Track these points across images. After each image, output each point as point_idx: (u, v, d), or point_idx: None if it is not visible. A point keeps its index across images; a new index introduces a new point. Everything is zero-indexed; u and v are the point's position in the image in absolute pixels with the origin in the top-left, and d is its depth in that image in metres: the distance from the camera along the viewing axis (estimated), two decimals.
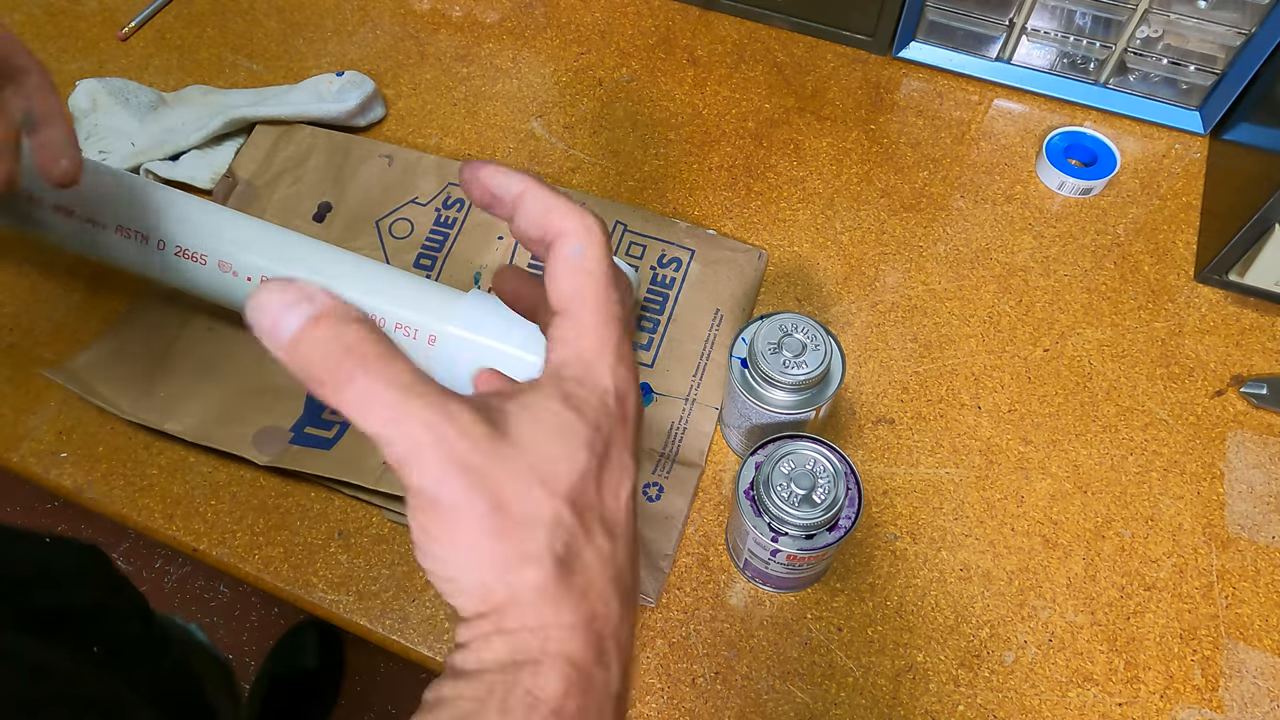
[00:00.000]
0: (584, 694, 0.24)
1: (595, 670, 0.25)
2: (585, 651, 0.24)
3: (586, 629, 0.25)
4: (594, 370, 0.27)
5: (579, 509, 0.25)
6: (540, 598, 0.24)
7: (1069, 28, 0.67)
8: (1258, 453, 0.56)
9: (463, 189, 0.30)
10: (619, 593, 0.26)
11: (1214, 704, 0.48)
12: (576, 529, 0.25)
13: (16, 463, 0.56)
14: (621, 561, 0.26)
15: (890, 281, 0.63)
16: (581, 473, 0.25)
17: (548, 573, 0.24)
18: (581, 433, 0.26)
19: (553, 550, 0.24)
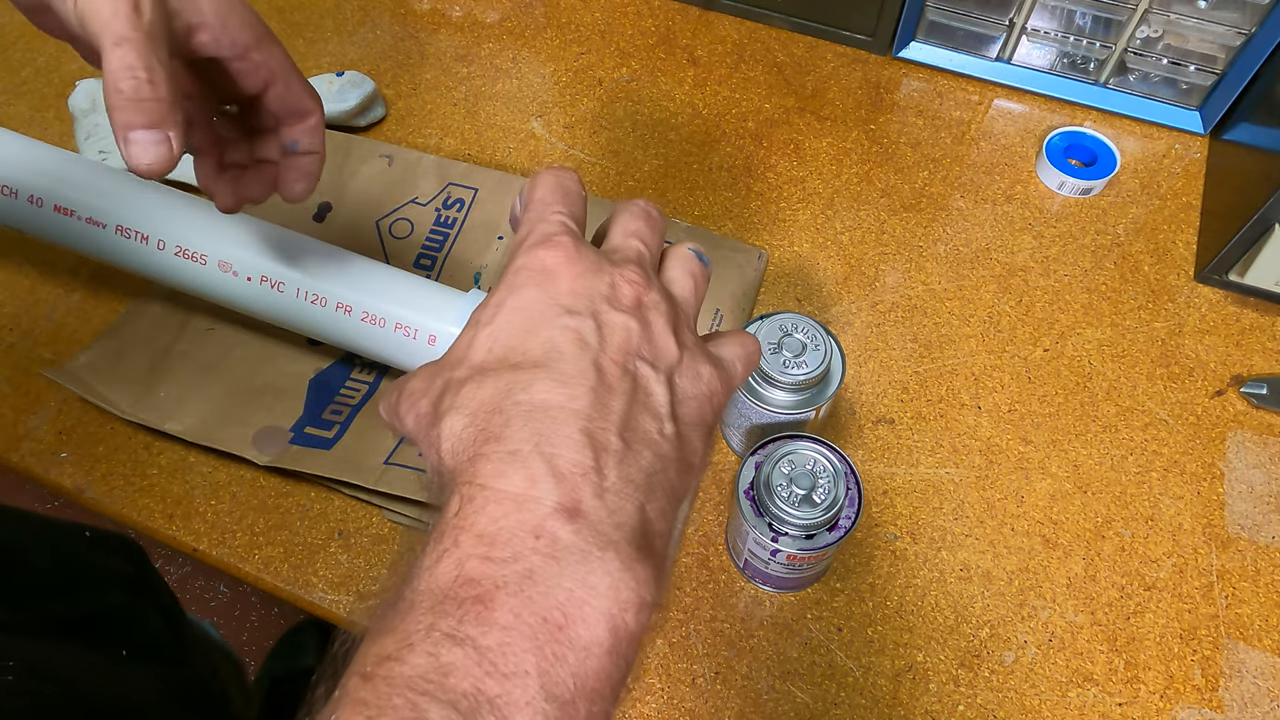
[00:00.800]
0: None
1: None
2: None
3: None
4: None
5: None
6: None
7: (1069, 28, 0.67)
8: (1258, 453, 0.56)
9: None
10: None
11: (1214, 704, 0.48)
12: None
13: (16, 463, 0.56)
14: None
15: (890, 281, 0.63)
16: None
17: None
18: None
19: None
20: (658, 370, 0.29)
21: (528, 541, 0.24)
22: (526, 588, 0.23)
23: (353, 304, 0.51)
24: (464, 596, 0.23)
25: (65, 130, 0.70)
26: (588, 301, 0.29)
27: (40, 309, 0.62)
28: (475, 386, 0.27)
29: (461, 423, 0.26)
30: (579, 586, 0.23)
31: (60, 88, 0.73)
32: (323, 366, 0.58)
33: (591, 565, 0.24)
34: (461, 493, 0.25)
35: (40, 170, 0.53)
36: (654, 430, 0.28)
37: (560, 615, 0.23)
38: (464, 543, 0.24)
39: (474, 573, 0.23)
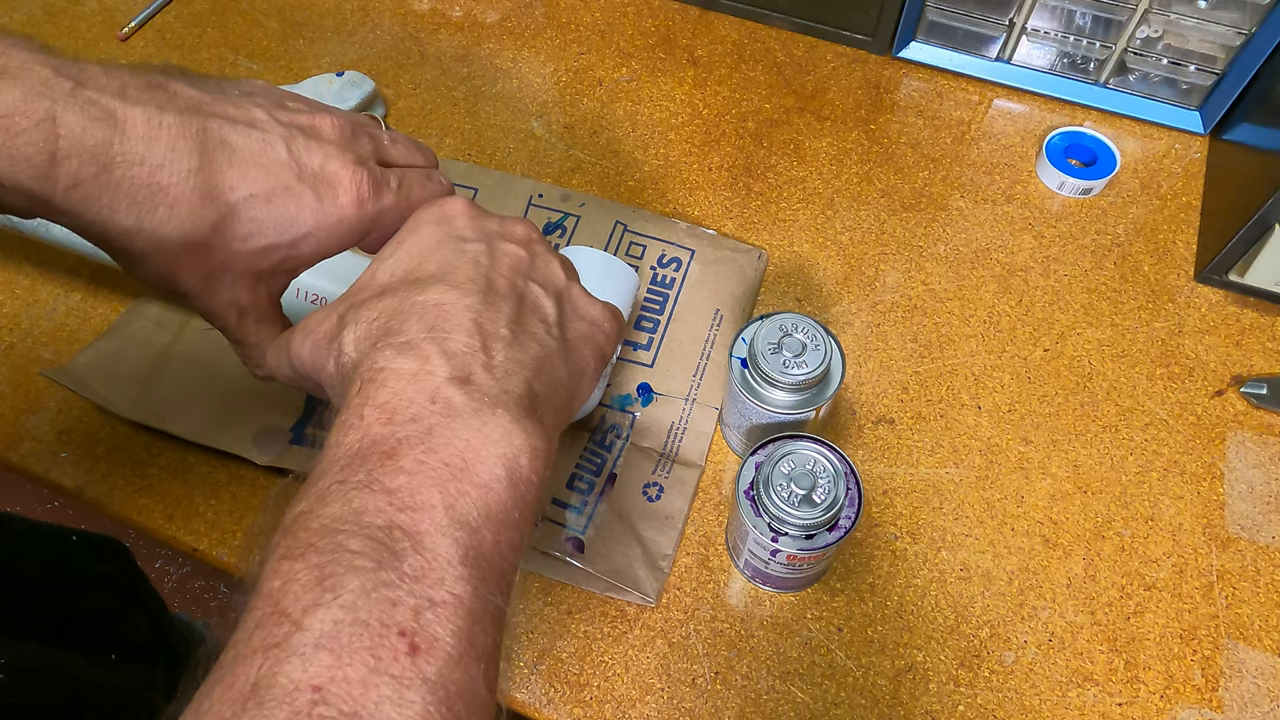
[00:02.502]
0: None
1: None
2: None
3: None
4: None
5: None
6: None
7: (1069, 28, 0.67)
8: (1258, 453, 0.56)
9: None
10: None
11: (1214, 704, 0.48)
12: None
13: (16, 463, 0.56)
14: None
15: (890, 281, 0.63)
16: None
17: None
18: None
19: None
20: (546, 290, 0.33)
21: (425, 405, 0.27)
22: (427, 439, 0.26)
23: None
24: (370, 454, 0.26)
25: None
26: (481, 233, 0.33)
27: (40, 309, 0.62)
28: (376, 299, 0.31)
29: (363, 329, 0.30)
30: (475, 435, 0.27)
31: None
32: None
33: (484, 419, 0.27)
34: (362, 376, 0.28)
35: None
36: (541, 330, 0.32)
37: (460, 459, 0.26)
38: (367, 415, 0.27)
39: (378, 435, 0.26)
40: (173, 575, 1.32)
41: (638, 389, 0.57)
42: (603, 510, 0.53)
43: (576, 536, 0.51)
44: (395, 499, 0.25)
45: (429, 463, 0.26)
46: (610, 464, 0.54)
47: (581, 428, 0.55)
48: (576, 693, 0.49)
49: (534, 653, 0.49)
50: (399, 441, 0.26)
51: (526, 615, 0.51)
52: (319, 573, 0.23)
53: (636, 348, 0.59)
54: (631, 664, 0.49)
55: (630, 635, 0.50)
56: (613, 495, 0.53)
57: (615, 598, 0.51)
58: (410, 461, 0.26)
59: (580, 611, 0.51)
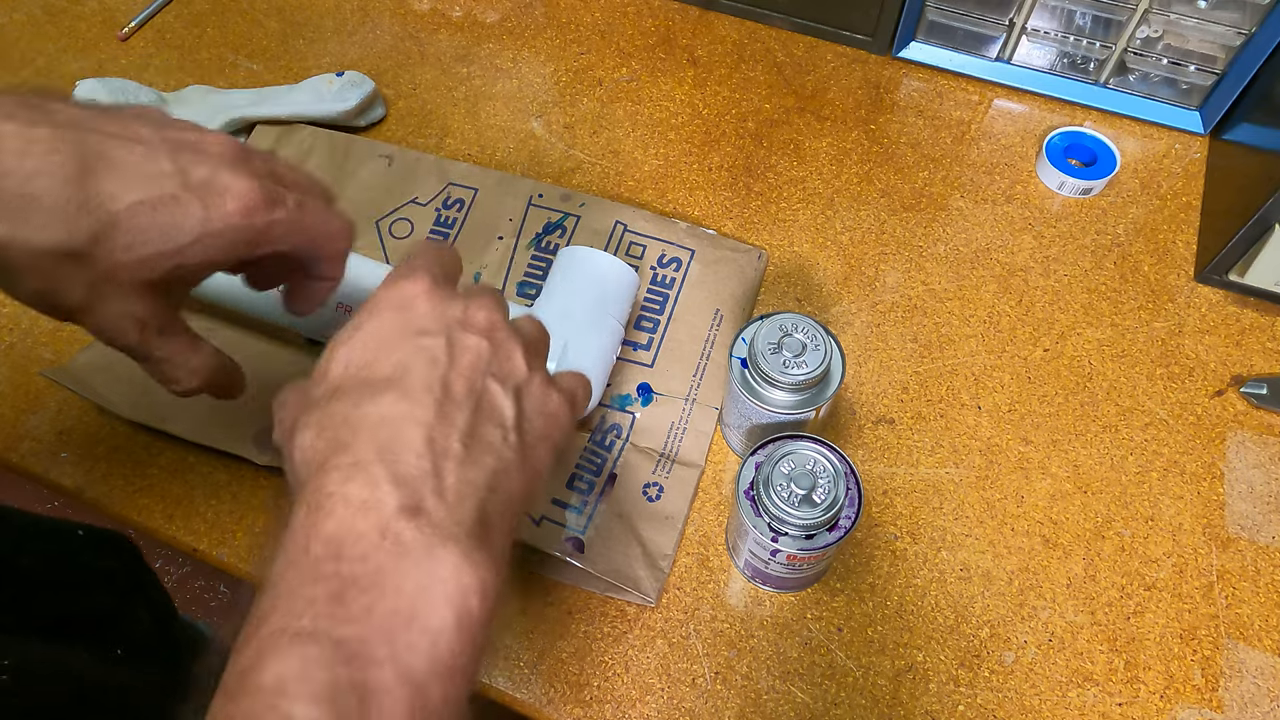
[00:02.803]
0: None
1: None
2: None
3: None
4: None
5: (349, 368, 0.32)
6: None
7: (1069, 28, 0.67)
8: (1258, 453, 0.56)
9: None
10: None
11: (1214, 704, 0.48)
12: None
13: (16, 463, 0.56)
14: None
15: (890, 281, 0.63)
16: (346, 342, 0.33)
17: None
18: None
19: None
20: (505, 386, 0.32)
21: (374, 541, 0.26)
22: (378, 582, 0.25)
23: (353, 304, 0.51)
24: (316, 596, 0.25)
25: None
26: (441, 323, 0.31)
27: None
28: (327, 402, 0.29)
29: (311, 436, 0.29)
30: (425, 578, 0.25)
31: (60, 88, 0.73)
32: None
33: (435, 556, 0.26)
34: (309, 501, 0.27)
35: None
36: (498, 438, 0.30)
37: (409, 606, 0.25)
38: (313, 549, 0.26)
39: (326, 572, 0.25)
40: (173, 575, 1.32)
41: (638, 389, 0.57)
42: (603, 510, 0.53)
43: (576, 536, 0.51)
44: (342, 651, 0.24)
45: (377, 611, 0.25)
46: (610, 464, 0.54)
47: (581, 428, 0.55)
48: (576, 693, 0.49)
49: (534, 653, 0.49)
50: (346, 583, 0.25)
51: (526, 615, 0.51)
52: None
53: (636, 348, 0.59)
54: (631, 664, 0.49)
55: (630, 635, 0.50)
56: (613, 495, 0.53)
57: (615, 598, 0.51)
58: (358, 609, 0.25)
59: (580, 611, 0.51)
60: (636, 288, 0.56)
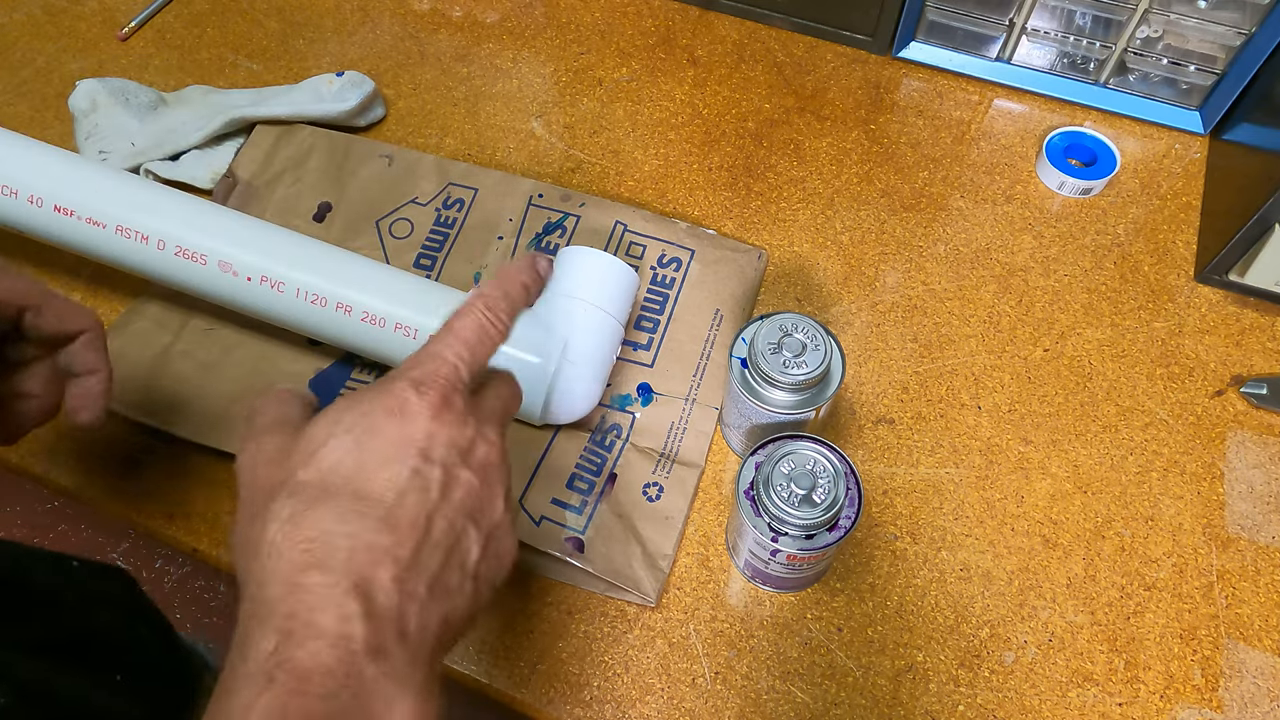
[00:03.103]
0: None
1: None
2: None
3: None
4: (390, 376, 0.33)
5: (320, 472, 0.30)
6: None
7: (1069, 28, 0.67)
8: (1258, 453, 0.56)
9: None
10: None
11: (1214, 704, 0.48)
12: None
13: (16, 463, 0.56)
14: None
15: (890, 281, 0.63)
16: (323, 444, 0.31)
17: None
18: (339, 414, 0.32)
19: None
20: (479, 530, 0.31)
21: (340, 679, 0.26)
22: (345, 712, 0.25)
23: (353, 304, 0.51)
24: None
25: (65, 130, 0.70)
26: (445, 455, 0.31)
27: None
28: (311, 502, 0.29)
29: (287, 531, 0.28)
30: (384, 717, 0.26)
31: (60, 88, 0.73)
32: (323, 366, 0.58)
33: (393, 703, 0.26)
34: (280, 626, 0.26)
35: (40, 170, 0.53)
36: (456, 583, 0.30)
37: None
38: (279, 677, 0.25)
39: (293, 708, 0.25)
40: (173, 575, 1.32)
41: (638, 389, 0.57)
42: (603, 510, 0.53)
43: (576, 536, 0.51)
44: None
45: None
46: (610, 464, 0.54)
47: (581, 428, 0.55)
48: (576, 693, 0.49)
49: (534, 653, 0.49)
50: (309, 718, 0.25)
51: (526, 615, 0.51)
52: None
53: (636, 348, 0.59)
54: (631, 664, 0.49)
55: (630, 635, 0.50)
56: (613, 495, 0.53)
57: (615, 598, 0.51)
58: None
59: (580, 611, 0.51)
60: (636, 287, 0.56)
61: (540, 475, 0.53)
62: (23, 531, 1.33)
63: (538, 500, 0.52)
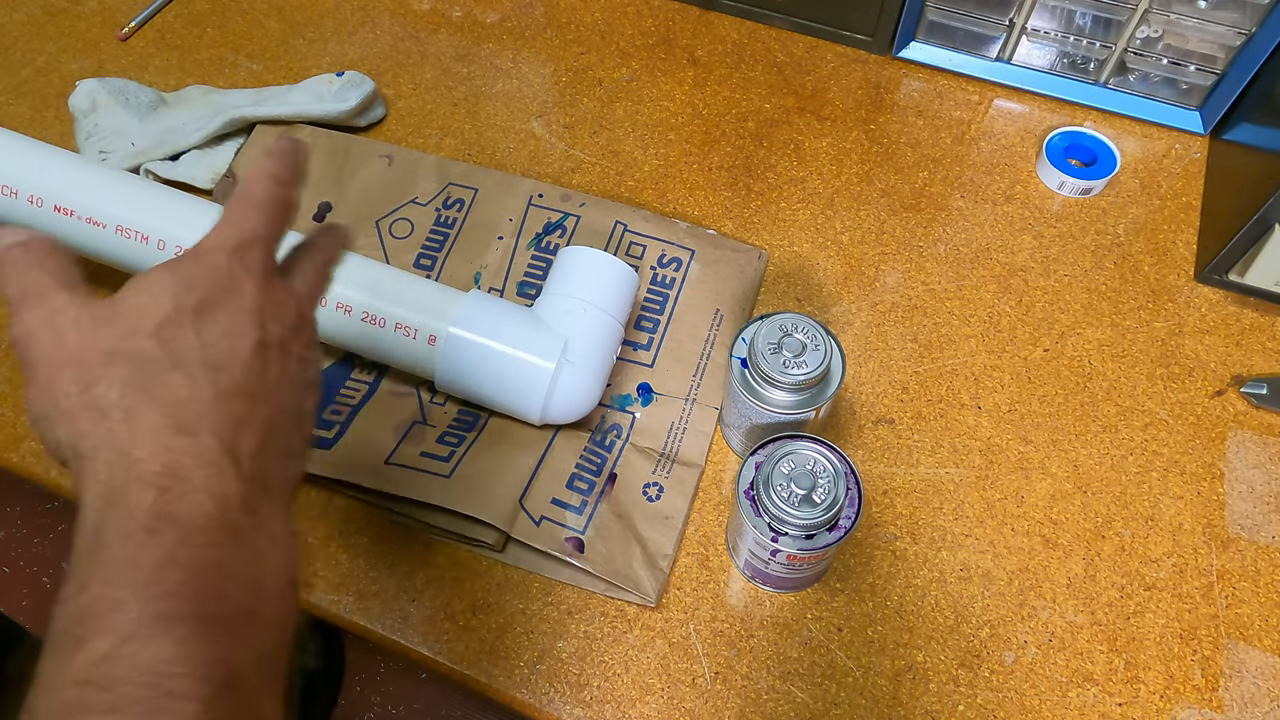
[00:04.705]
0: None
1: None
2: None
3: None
4: (204, 248, 0.32)
5: (162, 341, 0.29)
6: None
7: (1069, 28, 0.67)
8: (1258, 453, 0.56)
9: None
10: (209, 427, 0.29)
11: (1214, 704, 0.48)
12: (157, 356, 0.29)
13: (16, 463, 0.56)
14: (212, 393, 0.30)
15: (890, 281, 0.63)
16: (164, 315, 0.30)
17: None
18: (169, 286, 0.30)
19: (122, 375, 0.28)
20: (311, 394, 0.34)
21: (223, 531, 0.27)
22: (227, 565, 0.27)
23: (353, 304, 0.51)
24: (170, 579, 0.26)
25: (65, 130, 0.70)
26: (277, 328, 0.32)
27: None
28: (165, 368, 0.29)
29: (140, 398, 0.28)
30: (261, 565, 0.28)
31: (60, 88, 0.73)
32: (323, 366, 0.58)
33: (266, 552, 0.28)
34: (155, 484, 0.27)
35: (40, 170, 0.53)
36: (299, 445, 0.33)
37: (254, 587, 0.27)
38: (164, 530, 0.26)
39: (181, 557, 0.26)
40: None
41: (638, 389, 0.57)
42: (603, 510, 0.53)
43: (576, 536, 0.51)
44: (211, 631, 0.25)
45: (231, 593, 0.27)
46: (610, 464, 0.54)
47: (581, 428, 0.55)
48: (576, 693, 0.49)
49: (534, 653, 0.50)
50: (199, 567, 0.26)
51: (526, 615, 0.51)
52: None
53: (636, 348, 0.59)
54: (631, 664, 0.49)
55: (630, 635, 0.50)
56: (613, 495, 0.53)
57: (615, 598, 0.51)
58: (213, 591, 0.27)
59: (580, 611, 0.51)
60: (636, 287, 0.56)
61: (540, 475, 0.53)
62: (23, 531, 1.33)
63: (538, 500, 0.52)
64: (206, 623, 0.25)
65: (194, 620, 0.25)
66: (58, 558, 1.32)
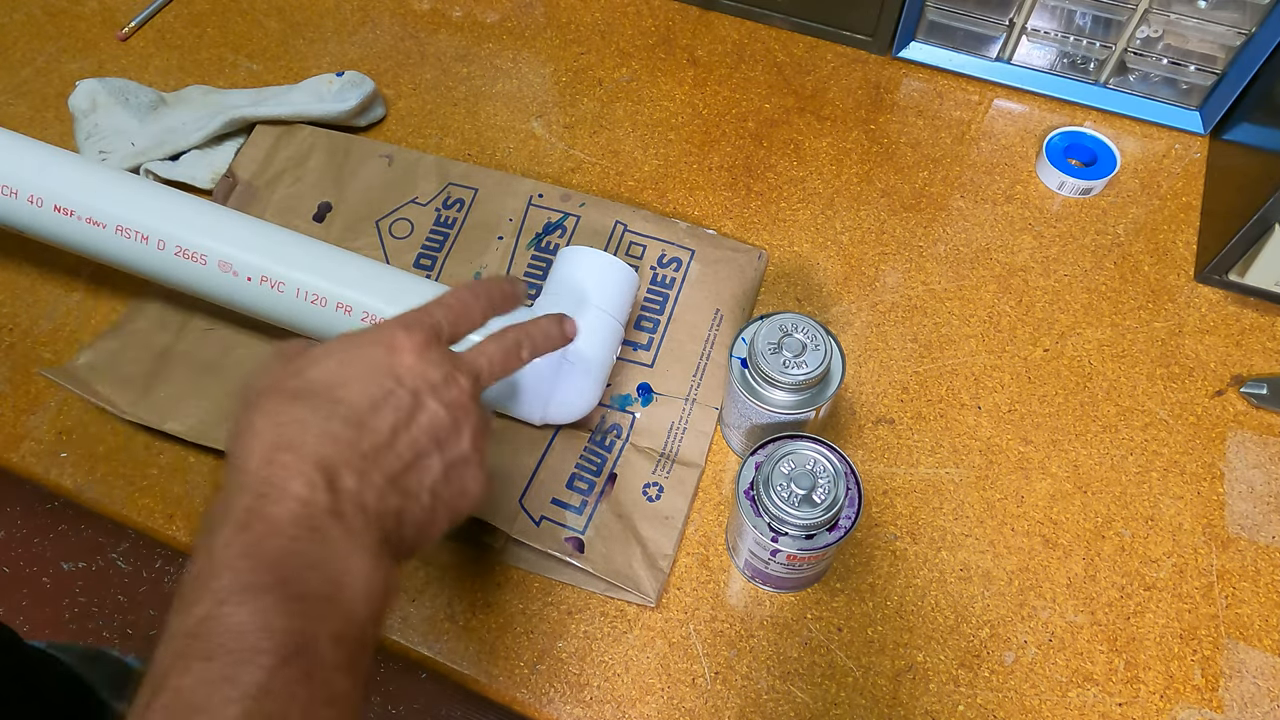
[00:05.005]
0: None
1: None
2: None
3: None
4: (386, 321, 0.38)
5: (306, 380, 0.36)
6: None
7: (1069, 28, 0.67)
8: (1258, 453, 0.56)
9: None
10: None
11: (1214, 704, 0.48)
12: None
13: (16, 463, 0.56)
14: None
15: (890, 281, 0.63)
16: (319, 362, 0.36)
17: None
18: (342, 341, 0.37)
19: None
20: (443, 456, 0.36)
21: (306, 529, 0.31)
22: (310, 562, 0.31)
23: (353, 304, 0.51)
24: (261, 563, 0.30)
25: (65, 130, 0.70)
26: (417, 382, 0.36)
27: (40, 309, 0.62)
28: (292, 399, 0.34)
29: (265, 422, 0.33)
30: (344, 569, 0.31)
31: (60, 88, 0.73)
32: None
33: (350, 556, 0.32)
34: (256, 489, 0.32)
35: (40, 170, 0.53)
36: (414, 489, 0.35)
37: (334, 583, 0.31)
38: (255, 525, 0.31)
39: (266, 545, 0.31)
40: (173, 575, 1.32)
41: (638, 389, 0.57)
42: (603, 510, 0.53)
43: (576, 536, 0.51)
44: (290, 605, 0.30)
45: (310, 580, 0.31)
46: (610, 464, 0.54)
47: (581, 428, 0.55)
48: (576, 693, 0.49)
49: (534, 653, 0.50)
50: (285, 555, 0.31)
51: (526, 615, 0.51)
52: (224, 672, 0.28)
53: (636, 348, 0.59)
54: (631, 664, 0.49)
55: (630, 635, 0.50)
56: (613, 495, 0.53)
57: (615, 598, 0.51)
58: (295, 577, 0.30)
59: (580, 611, 0.51)
60: (636, 288, 0.56)
61: (540, 475, 0.53)
62: (23, 531, 1.33)
63: (538, 500, 0.52)
64: (287, 598, 0.29)
65: (276, 593, 0.29)
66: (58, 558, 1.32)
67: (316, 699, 0.28)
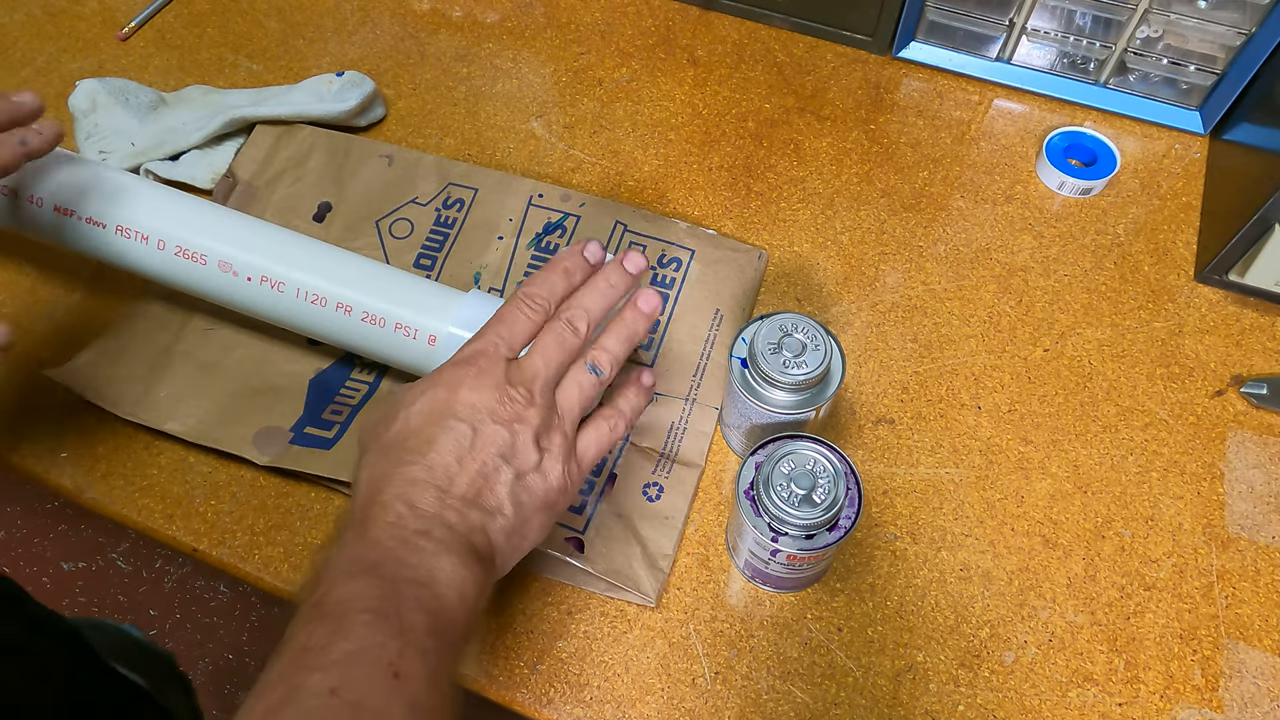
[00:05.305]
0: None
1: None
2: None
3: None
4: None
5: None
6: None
7: (1069, 28, 0.67)
8: (1258, 453, 0.56)
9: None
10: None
11: (1214, 704, 0.48)
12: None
13: (16, 463, 0.56)
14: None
15: (890, 281, 0.63)
16: (432, 391, 0.43)
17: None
18: (452, 366, 0.44)
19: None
20: (511, 465, 0.41)
21: (396, 540, 0.38)
22: (403, 561, 0.37)
23: (353, 304, 0.51)
24: (367, 561, 0.37)
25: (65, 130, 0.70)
26: (472, 413, 0.41)
27: (40, 309, 0.62)
28: (382, 453, 0.42)
29: (367, 473, 0.41)
30: (433, 566, 0.38)
31: (60, 88, 0.73)
32: (323, 366, 0.58)
33: (437, 557, 0.38)
34: (359, 522, 0.39)
35: (40, 170, 0.53)
36: (494, 504, 0.41)
37: (426, 575, 0.37)
38: (361, 543, 0.38)
39: (372, 554, 0.38)
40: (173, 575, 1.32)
41: None
42: (603, 510, 0.53)
43: (576, 536, 0.51)
44: (387, 588, 0.36)
45: (404, 573, 0.37)
46: (610, 464, 0.54)
47: None
48: (576, 693, 0.49)
49: (534, 653, 0.50)
50: (385, 557, 0.37)
51: (526, 615, 0.51)
52: (335, 625, 0.35)
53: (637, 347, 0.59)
54: (631, 664, 0.49)
55: (630, 635, 0.50)
56: (613, 495, 0.53)
57: (615, 598, 0.51)
58: (392, 573, 0.37)
59: (580, 611, 0.51)
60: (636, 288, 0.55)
61: None
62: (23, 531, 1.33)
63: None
64: (381, 580, 0.36)
65: (371, 577, 0.36)
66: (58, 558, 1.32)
67: (409, 654, 0.34)
